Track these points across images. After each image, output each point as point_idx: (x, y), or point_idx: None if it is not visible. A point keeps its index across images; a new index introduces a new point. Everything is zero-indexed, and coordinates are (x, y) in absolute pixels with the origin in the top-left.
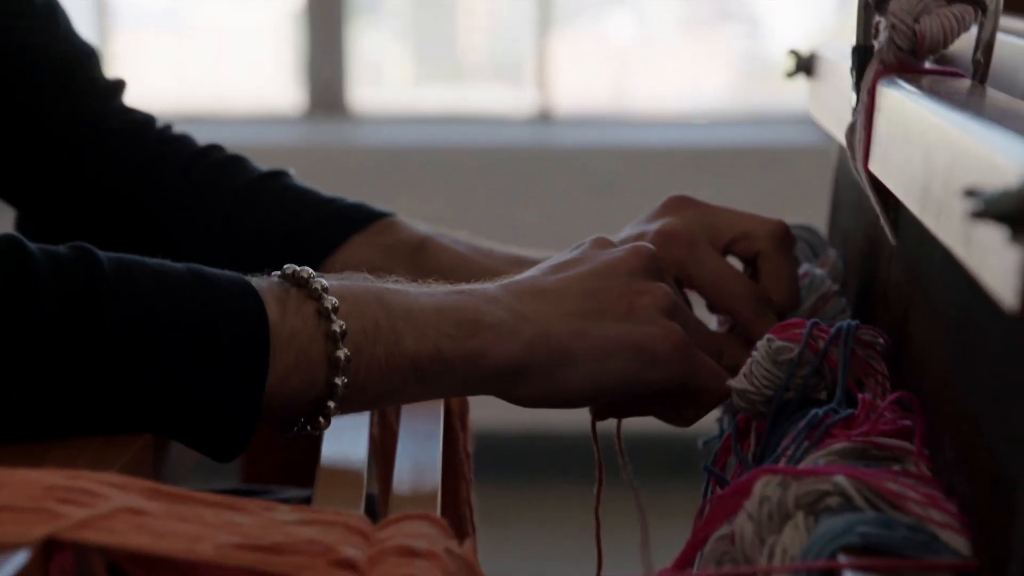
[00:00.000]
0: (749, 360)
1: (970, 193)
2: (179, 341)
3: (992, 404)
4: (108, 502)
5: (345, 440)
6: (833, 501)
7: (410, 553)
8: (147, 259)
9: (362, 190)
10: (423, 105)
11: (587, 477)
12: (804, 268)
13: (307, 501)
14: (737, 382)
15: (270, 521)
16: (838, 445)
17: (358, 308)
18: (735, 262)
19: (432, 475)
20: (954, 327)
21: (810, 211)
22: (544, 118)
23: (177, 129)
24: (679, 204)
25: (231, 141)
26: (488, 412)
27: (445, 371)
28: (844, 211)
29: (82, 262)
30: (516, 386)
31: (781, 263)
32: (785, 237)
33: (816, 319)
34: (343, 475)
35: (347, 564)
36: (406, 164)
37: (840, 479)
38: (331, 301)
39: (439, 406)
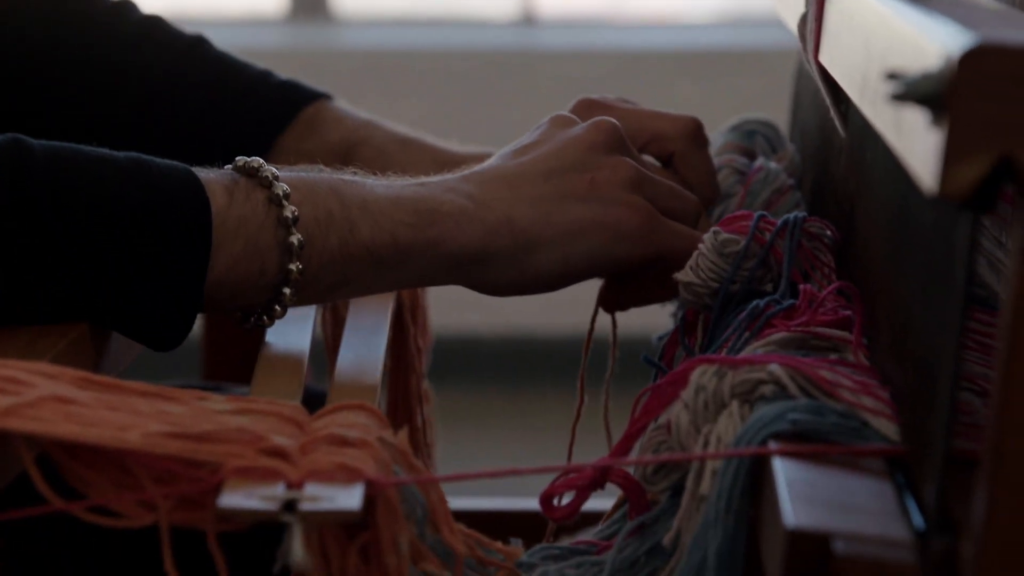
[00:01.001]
0: (696, 253)
1: (892, 76)
2: (116, 229)
3: (921, 293)
4: (35, 390)
5: (289, 333)
6: (767, 389)
7: (341, 442)
8: (85, 147)
9: (345, 93)
10: (406, 7)
11: (569, 381)
12: (759, 162)
13: None
14: (683, 275)
15: (202, 411)
16: (777, 335)
17: (311, 196)
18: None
19: (374, 367)
20: (892, 217)
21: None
22: (528, 21)
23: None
24: (588, 107)
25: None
26: (474, 317)
27: (403, 260)
28: (803, 107)
29: (12, 151)
30: (481, 274)
31: (697, 161)
32: (698, 133)
33: (765, 212)
34: (283, 367)
35: (277, 452)
36: (389, 67)
37: (775, 368)
38: (282, 188)
39: (389, 300)
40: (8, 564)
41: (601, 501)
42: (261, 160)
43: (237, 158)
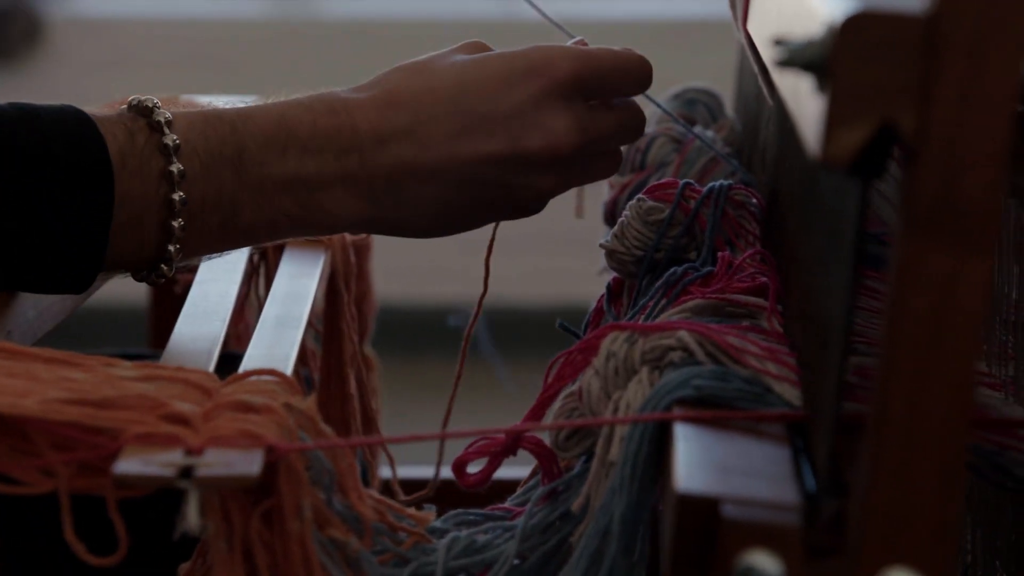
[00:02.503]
0: (620, 220)
1: (777, 42)
2: (10, 174)
3: (821, 257)
4: None
5: (209, 300)
6: (676, 356)
7: (246, 408)
8: None
9: (327, 64)
10: None
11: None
12: (697, 130)
13: None
14: (608, 242)
15: (106, 377)
16: (692, 302)
17: (204, 172)
18: None
19: (293, 334)
20: (804, 183)
21: None
22: None
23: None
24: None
25: (194, 16)
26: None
27: (282, 236)
28: (745, 76)
29: None
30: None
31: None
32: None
33: (690, 180)
34: (200, 333)
35: (178, 418)
36: (372, 37)
37: (683, 334)
38: (177, 167)
39: (317, 266)
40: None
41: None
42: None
43: (129, 97)
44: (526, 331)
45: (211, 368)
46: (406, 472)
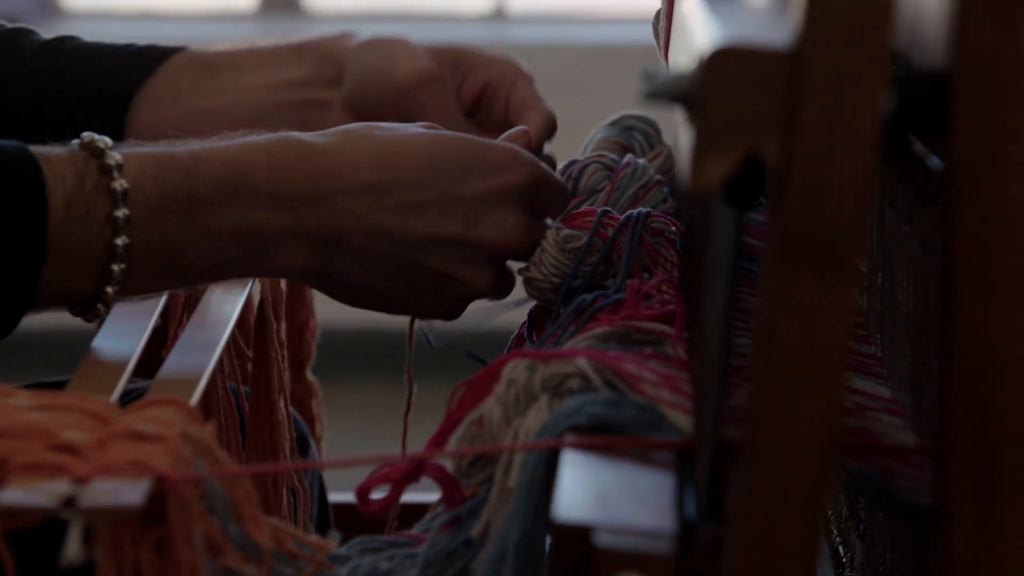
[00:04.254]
0: (538, 249)
1: (645, 76)
2: None
3: (710, 282)
4: None
5: (122, 329)
6: (574, 383)
7: (139, 437)
8: None
9: None
10: (376, 2)
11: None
12: (628, 158)
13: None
14: (527, 270)
15: (2, 407)
16: (599, 329)
17: (152, 216)
18: None
19: (204, 360)
20: (704, 209)
21: None
22: (499, 15)
23: (107, 25)
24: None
25: (183, 38)
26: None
27: (224, 279)
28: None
29: None
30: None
31: (531, 98)
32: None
33: (608, 208)
34: (107, 362)
35: (66, 448)
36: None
37: (581, 361)
38: (124, 213)
39: (240, 295)
40: None
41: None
42: (108, 141)
43: (84, 133)
44: (486, 355)
45: (114, 396)
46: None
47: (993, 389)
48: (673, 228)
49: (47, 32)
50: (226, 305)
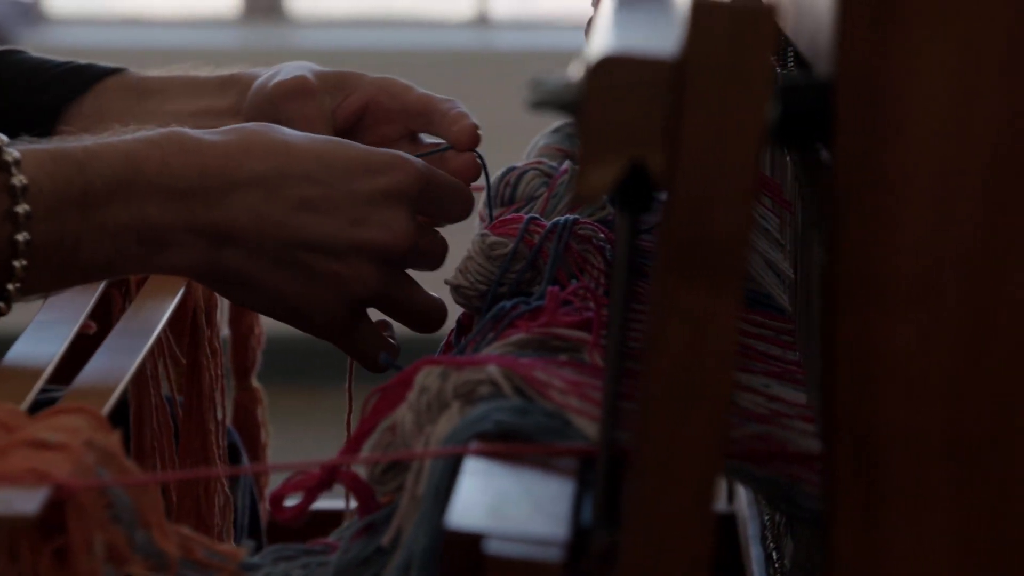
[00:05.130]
0: (465, 256)
1: (534, 84)
2: None
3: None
4: None
5: (42, 335)
6: (485, 390)
7: (40, 445)
8: None
9: None
10: (360, 8)
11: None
12: (566, 165)
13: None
14: (453, 278)
15: None
16: (516, 336)
17: (49, 214)
18: None
19: (122, 369)
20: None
21: None
22: (482, 21)
23: (91, 31)
24: None
25: (166, 44)
26: None
27: (120, 275)
28: None
29: None
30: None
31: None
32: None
33: (536, 215)
34: (23, 369)
35: None
36: (343, 68)
37: (492, 369)
38: (24, 208)
39: (169, 304)
40: None
41: None
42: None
43: None
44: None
45: (25, 404)
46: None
47: (875, 396)
48: (602, 235)
49: (31, 38)
50: (153, 312)
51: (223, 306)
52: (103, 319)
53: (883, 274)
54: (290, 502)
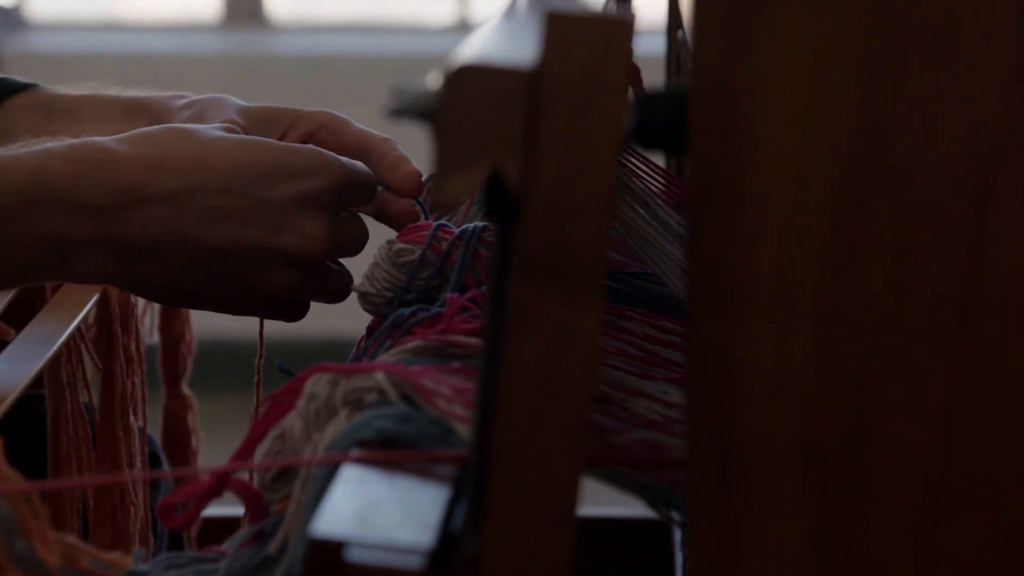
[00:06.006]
0: (372, 263)
1: (394, 92)
2: None
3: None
4: None
5: None
6: (372, 397)
7: None
8: None
9: (281, 99)
10: (342, 13)
11: None
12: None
13: None
14: (360, 285)
15: None
16: (413, 343)
17: None
18: None
19: (18, 376)
20: None
21: None
22: (464, 27)
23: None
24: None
25: (146, 49)
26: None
27: (31, 283)
28: None
29: None
30: None
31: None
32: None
33: (445, 222)
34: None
35: None
36: (325, 73)
37: (379, 376)
38: None
39: (77, 312)
40: None
41: None
42: None
43: None
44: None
45: None
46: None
47: (733, 401)
48: None
49: (13, 44)
50: (63, 320)
51: (154, 311)
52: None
53: (739, 281)
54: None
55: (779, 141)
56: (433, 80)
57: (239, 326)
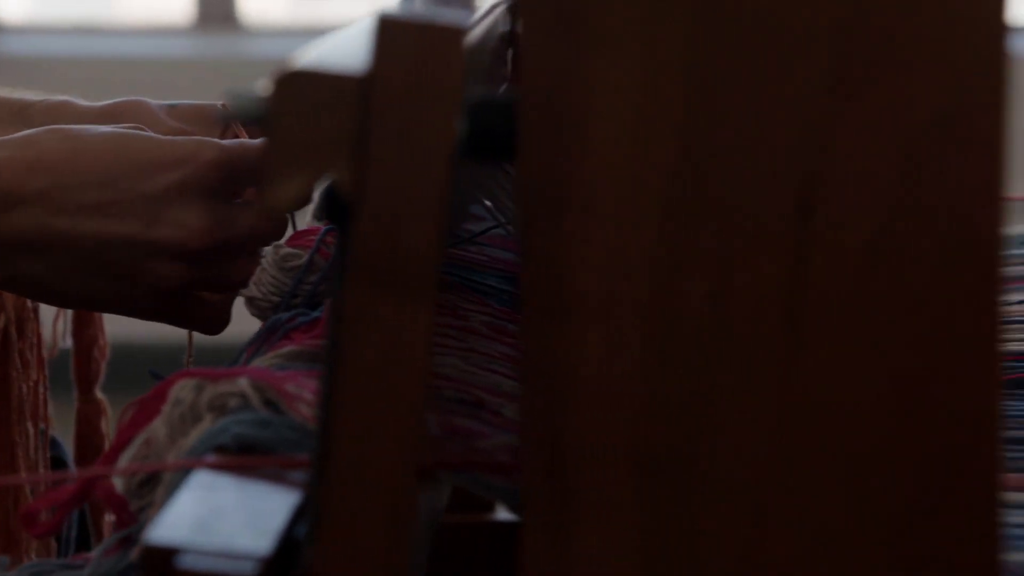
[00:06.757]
0: (258, 268)
1: (230, 95)
2: None
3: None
4: None
5: None
6: (235, 403)
7: None
8: None
9: None
10: (313, 16)
11: None
12: None
13: None
14: (247, 290)
15: None
16: (287, 348)
17: None
18: None
19: None
20: None
21: None
22: None
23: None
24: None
25: (120, 53)
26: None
27: None
28: None
29: None
30: None
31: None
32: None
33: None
34: None
35: None
36: None
37: (242, 381)
38: None
39: None
40: None
41: None
42: None
43: None
44: None
45: None
46: None
47: (564, 406)
48: None
49: None
50: None
51: (66, 317)
52: None
53: (568, 288)
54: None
55: (607, 151)
56: (264, 85)
57: (153, 330)
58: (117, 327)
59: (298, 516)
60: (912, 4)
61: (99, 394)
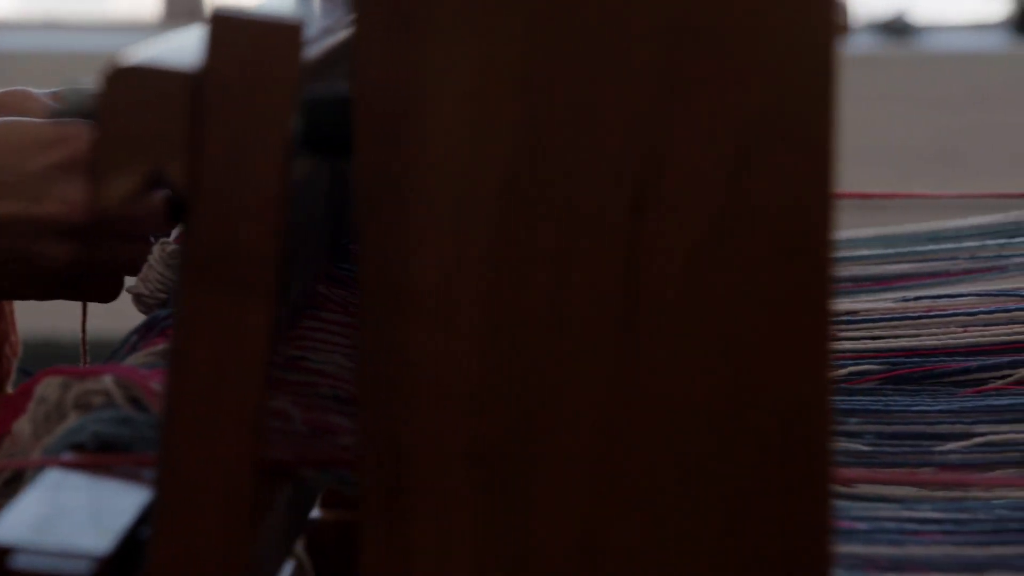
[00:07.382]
0: (145, 265)
1: (67, 92)
2: None
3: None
4: None
5: None
6: (99, 401)
7: None
8: None
9: None
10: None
11: None
12: None
13: None
14: (134, 286)
15: None
16: (160, 346)
17: None
18: None
19: None
20: None
21: None
22: None
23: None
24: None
25: (86, 49)
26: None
27: None
28: None
29: None
30: None
31: None
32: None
33: None
34: None
35: None
36: None
37: (107, 379)
38: None
39: None
40: None
41: None
42: None
43: None
44: None
45: None
46: None
47: (400, 402)
48: None
49: None
50: None
51: None
52: None
53: (403, 286)
54: None
55: (443, 146)
56: (95, 81)
57: (68, 326)
58: (30, 324)
59: (146, 515)
60: (741, 3)
61: (10, 390)
